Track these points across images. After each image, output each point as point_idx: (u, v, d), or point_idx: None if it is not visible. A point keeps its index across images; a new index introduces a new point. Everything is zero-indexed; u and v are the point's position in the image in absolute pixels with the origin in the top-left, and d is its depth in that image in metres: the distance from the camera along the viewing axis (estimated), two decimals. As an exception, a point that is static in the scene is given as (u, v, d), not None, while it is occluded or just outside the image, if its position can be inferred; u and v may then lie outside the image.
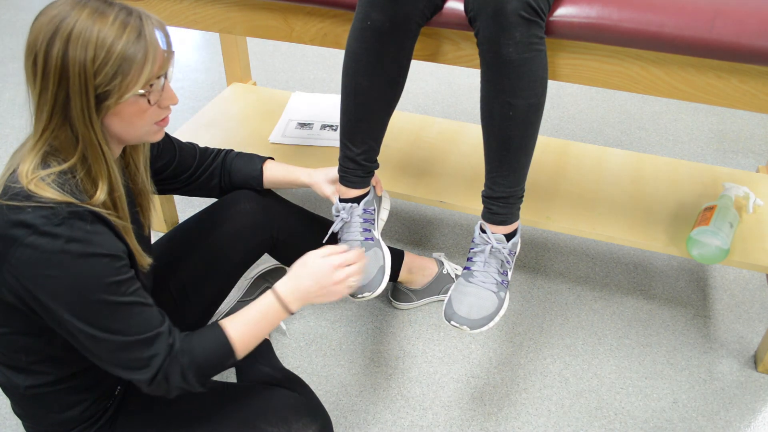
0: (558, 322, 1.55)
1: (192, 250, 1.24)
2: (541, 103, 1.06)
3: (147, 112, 0.86)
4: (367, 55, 1.09)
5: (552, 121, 2.35)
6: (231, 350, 0.93)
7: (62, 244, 0.78)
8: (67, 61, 0.77)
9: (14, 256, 0.78)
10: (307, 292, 1.00)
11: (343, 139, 1.19)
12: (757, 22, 0.99)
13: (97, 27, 0.78)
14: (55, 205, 0.79)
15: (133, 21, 0.80)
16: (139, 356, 0.86)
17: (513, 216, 1.15)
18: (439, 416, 1.33)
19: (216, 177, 1.27)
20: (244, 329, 0.95)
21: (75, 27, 0.77)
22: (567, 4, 1.06)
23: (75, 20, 0.77)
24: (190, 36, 2.94)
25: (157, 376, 0.87)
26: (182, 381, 0.89)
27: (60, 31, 0.77)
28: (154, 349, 0.86)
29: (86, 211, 0.81)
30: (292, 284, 1.00)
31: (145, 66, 0.81)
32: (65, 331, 0.84)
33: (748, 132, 2.32)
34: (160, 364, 0.87)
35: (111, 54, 0.78)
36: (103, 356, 0.85)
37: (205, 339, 0.92)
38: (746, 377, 1.43)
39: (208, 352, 0.91)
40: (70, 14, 0.78)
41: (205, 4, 1.34)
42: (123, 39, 0.79)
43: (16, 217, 0.78)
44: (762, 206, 1.48)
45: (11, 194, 0.79)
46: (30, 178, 0.80)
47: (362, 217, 1.22)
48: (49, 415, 0.96)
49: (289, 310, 0.99)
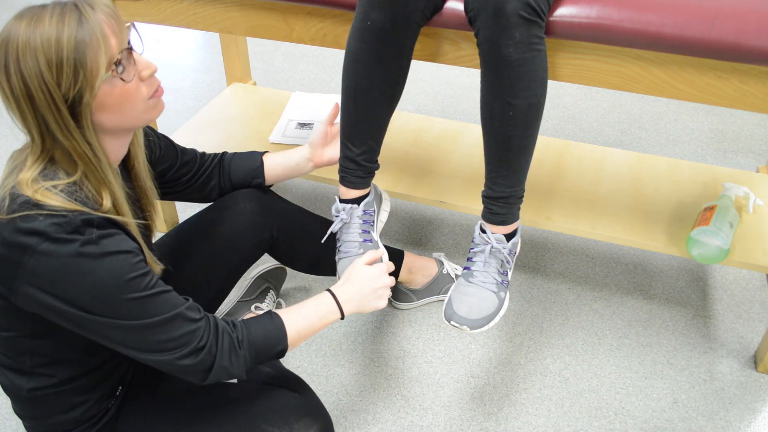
0: (558, 322, 1.55)
1: (192, 250, 1.24)
2: (541, 103, 1.06)
3: (131, 92, 0.84)
4: (367, 55, 1.09)
5: (552, 121, 2.35)
6: (284, 335, 0.96)
7: (77, 247, 0.78)
8: (26, 79, 0.76)
9: (29, 264, 0.77)
10: (361, 294, 1.06)
11: (343, 139, 1.19)
12: (757, 22, 0.99)
13: (38, 32, 0.76)
14: (67, 213, 0.78)
15: (68, 11, 0.78)
16: (173, 335, 0.85)
17: (513, 216, 1.15)
18: (439, 416, 1.33)
19: (214, 178, 1.27)
20: (298, 321, 0.98)
21: (19, 41, 0.76)
22: (567, 4, 1.06)
23: (17, 35, 0.76)
24: (190, 36, 2.94)
25: (200, 352, 0.87)
26: (232, 356, 0.90)
27: (8, 52, 0.77)
28: (187, 326, 0.86)
29: (100, 219, 0.81)
30: (347, 287, 1.06)
31: (99, 47, 0.78)
32: (89, 331, 0.83)
33: (748, 132, 2.32)
34: (200, 337, 0.87)
35: (61, 50, 0.76)
36: (138, 346, 0.84)
37: (260, 319, 0.96)
38: (746, 377, 1.43)
39: (262, 331, 0.94)
40: (10, 32, 0.77)
41: (205, 4, 1.34)
42: (65, 31, 0.76)
43: (27, 226, 0.77)
44: (762, 206, 1.48)
45: (20, 203, 0.78)
46: (34, 189, 0.79)
47: (362, 219, 1.22)
48: (50, 416, 0.96)
49: (342, 312, 1.04)
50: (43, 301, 0.80)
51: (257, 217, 1.27)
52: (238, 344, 0.91)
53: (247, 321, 0.95)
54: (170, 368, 0.87)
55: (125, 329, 0.83)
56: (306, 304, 1.02)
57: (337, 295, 1.05)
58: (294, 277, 1.66)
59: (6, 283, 0.80)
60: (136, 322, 0.83)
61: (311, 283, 1.65)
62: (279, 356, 0.97)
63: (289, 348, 0.98)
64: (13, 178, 0.83)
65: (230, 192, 1.29)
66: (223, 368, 0.90)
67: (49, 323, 0.86)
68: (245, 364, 0.93)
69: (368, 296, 1.07)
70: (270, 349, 0.95)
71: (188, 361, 0.87)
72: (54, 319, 0.83)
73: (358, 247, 1.20)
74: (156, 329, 0.84)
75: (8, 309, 0.85)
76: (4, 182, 0.84)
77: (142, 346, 0.85)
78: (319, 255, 1.37)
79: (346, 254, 1.21)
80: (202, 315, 0.90)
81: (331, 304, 1.03)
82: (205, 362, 0.88)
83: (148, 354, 0.85)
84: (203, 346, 0.87)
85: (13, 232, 0.77)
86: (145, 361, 0.86)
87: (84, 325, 0.82)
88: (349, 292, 1.06)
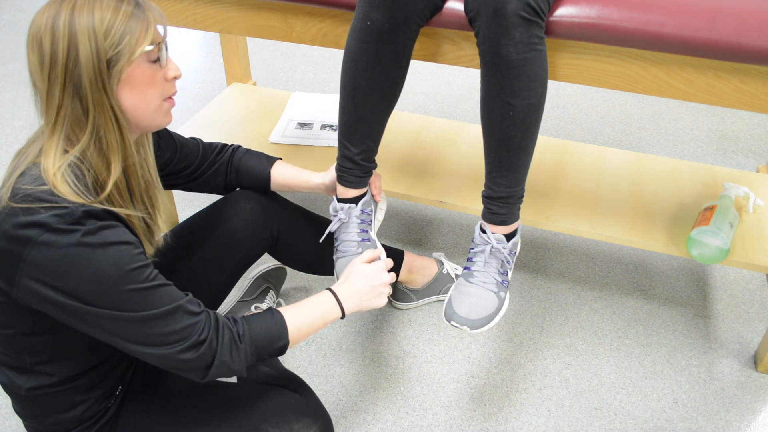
0: (558, 322, 1.55)
1: (192, 249, 1.24)
2: (541, 103, 1.06)
3: (157, 80, 0.88)
4: (366, 55, 1.09)
5: (552, 121, 2.35)
6: (285, 331, 0.96)
7: (79, 237, 0.78)
8: (74, 27, 0.79)
9: (29, 255, 0.78)
10: (361, 292, 1.06)
11: (342, 138, 1.19)
12: (757, 22, 0.99)
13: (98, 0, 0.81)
14: (69, 205, 0.79)
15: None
16: (174, 328, 0.85)
17: (513, 216, 1.15)
18: (439, 416, 1.33)
19: (221, 174, 1.27)
20: (298, 318, 0.99)
21: (77, 3, 0.80)
22: (567, 4, 1.06)
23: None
24: (190, 36, 2.94)
25: (201, 346, 0.87)
26: (233, 350, 0.90)
27: (63, 6, 0.80)
28: (187, 319, 0.86)
29: (101, 210, 0.81)
30: (347, 285, 1.06)
31: (148, 27, 0.84)
32: (89, 324, 0.83)
33: (748, 132, 2.32)
34: (201, 331, 0.87)
35: (116, 15, 0.81)
36: (139, 339, 0.84)
37: (261, 316, 0.96)
38: (746, 377, 1.43)
39: (263, 326, 0.94)
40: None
41: (205, 4, 1.34)
42: (123, 5, 0.82)
43: (28, 219, 0.77)
44: (762, 206, 1.48)
45: (22, 196, 0.79)
46: (54, 170, 0.80)
47: (360, 218, 1.22)
48: (51, 415, 0.96)
49: (342, 310, 1.04)
50: (44, 295, 0.80)
51: (257, 217, 1.27)
52: (239, 338, 0.91)
53: (247, 317, 0.95)
54: (170, 363, 0.87)
55: (126, 321, 0.82)
56: (306, 302, 1.02)
57: (337, 293, 1.05)
58: (294, 277, 1.66)
59: (6, 277, 0.81)
60: (137, 313, 0.82)
61: (311, 283, 1.65)
62: (280, 352, 0.97)
63: (290, 345, 0.97)
64: (21, 168, 0.83)
65: (236, 188, 1.29)
66: (224, 363, 0.89)
67: (49, 320, 0.86)
68: (246, 359, 0.92)
69: (368, 294, 1.07)
70: (271, 344, 0.95)
71: (189, 355, 0.86)
72: (55, 314, 0.83)
73: (356, 246, 1.21)
74: (157, 321, 0.84)
75: (8, 305, 0.85)
76: (11, 174, 0.83)
77: (142, 340, 0.84)
78: (319, 254, 1.37)
79: (345, 254, 1.21)
80: (202, 309, 0.90)
81: (331, 303, 1.03)
82: (205, 356, 0.88)
83: (148, 348, 0.85)
84: (204, 340, 0.87)
85: (13, 225, 0.78)
86: (145, 356, 0.86)
87: (85, 319, 0.82)
88: (349, 291, 1.06)
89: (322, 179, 1.27)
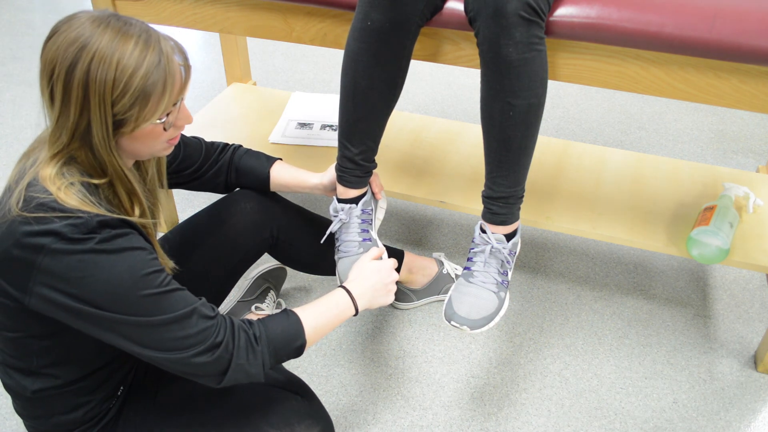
0: (558, 322, 1.55)
1: (192, 250, 1.24)
2: (541, 103, 1.06)
3: (159, 133, 0.87)
4: (366, 56, 1.09)
5: (552, 121, 2.35)
6: (302, 330, 0.95)
7: (93, 244, 0.78)
8: (89, 83, 0.77)
9: (42, 262, 0.77)
10: (374, 289, 1.07)
11: (342, 139, 1.19)
12: (757, 22, 0.99)
13: (119, 52, 0.77)
14: (83, 214, 0.78)
15: (153, 46, 0.79)
16: (189, 332, 0.84)
17: (513, 216, 1.15)
18: (439, 416, 1.33)
19: (222, 174, 1.27)
20: (313, 317, 0.98)
21: (97, 50, 0.77)
22: (567, 4, 1.06)
23: (98, 44, 0.77)
24: (190, 36, 2.94)
25: (217, 349, 0.86)
26: (249, 353, 0.89)
27: (82, 54, 0.77)
28: (203, 322, 0.86)
29: (115, 219, 0.81)
30: (360, 282, 1.07)
31: (163, 97, 0.81)
32: (104, 330, 0.82)
33: (748, 132, 2.32)
34: (216, 333, 0.86)
35: (131, 83, 0.78)
36: (154, 344, 0.84)
37: (276, 317, 0.96)
38: (746, 377, 1.43)
39: (278, 326, 0.94)
40: (91, 37, 0.77)
41: (205, 4, 1.34)
42: (143, 66, 0.78)
43: (41, 227, 0.77)
44: (762, 206, 1.48)
45: (35, 204, 0.78)
46: (57, 185, 0.79)
47: (360, 218, 1.22)
48: (53, 417, 0.96)
49: (356, 307, 1.04)
50: (58, 302, 0.79)
51: (257, 217, 1.27)
52: (255, 340, 0.90)
53: (263, 319, 0.95)
54: (186, 368, 0.86)
55: (142, 326, 0.82)
56: (320, 301, 1.02)
57: (351, 290, 1.05)
58: (294, 277, 1.66)
59: (19, 285, 0.80)
60: (152, 318, 0.82)
61: (311, 283, 1.65)
62: (298, 353, 0.96)
63: (307, 345, 0.97)
64: (31, 174, 0.82)
65: (236, 187, 1.29)
66: (240, 366, 0.88)
67: (56, 324, 0.86)
68: (263, 362, 0.91)
69: (380, 291, 1.08)
70: (288, 344, 0.94)
71: (204, 359, 0.85)
72: (68, 321, 0.82)
73: (358, 246, 1.21)
74: (172, 326, 0.83)
75: (18, 311, 0.84)
76: (21, 183, 0.82)
77: (158, 345, 0.84)
78: (319, 254, 1.37)
79: (346, 254, 1.21)
80: (216, 312, 0.89)
81: (345, 300, 1.03)
82: (221, 360, 0.87)
83: (164, 353, 0.84)
84: (219, 342, 0.86)
85: (26, 233, 0.77)
86: (160, 362, 0.85)
87: (100, 324, 0.81)
88: (362, 288, 1.06)
89: (320, 180, 1.27)
